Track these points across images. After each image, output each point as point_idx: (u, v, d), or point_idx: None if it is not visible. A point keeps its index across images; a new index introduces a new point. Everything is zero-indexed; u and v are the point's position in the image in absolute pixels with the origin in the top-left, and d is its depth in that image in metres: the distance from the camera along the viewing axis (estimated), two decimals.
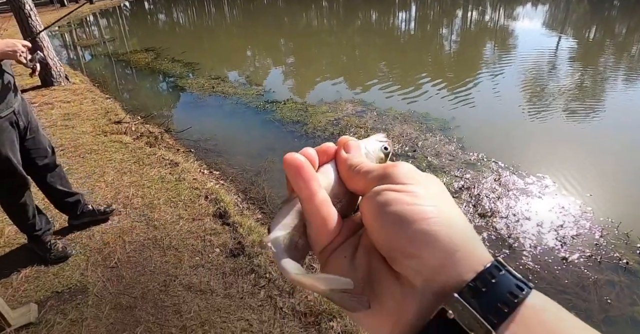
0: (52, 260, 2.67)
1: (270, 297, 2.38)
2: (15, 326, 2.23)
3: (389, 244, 0.29)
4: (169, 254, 2.72)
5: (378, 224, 0.29)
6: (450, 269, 0.26)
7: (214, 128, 5.32)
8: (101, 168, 3.90)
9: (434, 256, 0.27)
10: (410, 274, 0.28)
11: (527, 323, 0.24)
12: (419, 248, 0.27)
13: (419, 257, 0.27)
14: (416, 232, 0.27)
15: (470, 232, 0.28)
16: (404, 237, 0.27)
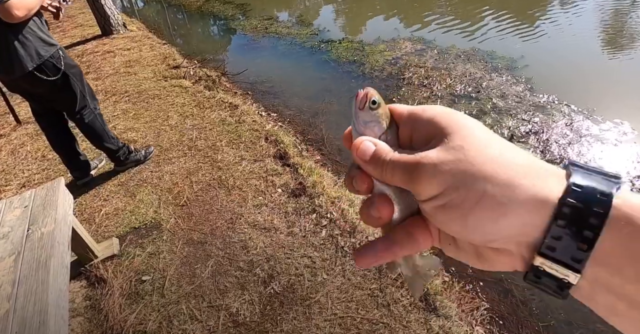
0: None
1: (332, 236, 2.43)
2: (101, 258, 2.46)
3: (467, 239, 0.30)
4: (233, 193, 2.81)
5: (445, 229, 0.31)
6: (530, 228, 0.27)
7: (269, 70, 5.26)
8: (165, 112, 4.02)
9: (508, 232, 0.28)
10: (501, 248, 0.29)
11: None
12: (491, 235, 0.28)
13: (496, 240, 0.29)
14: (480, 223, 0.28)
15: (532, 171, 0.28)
16: (474, 234, 0.29)
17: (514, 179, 0.27)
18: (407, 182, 0.31)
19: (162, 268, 2.36)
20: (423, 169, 0.30)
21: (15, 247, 1.88)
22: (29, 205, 2.14)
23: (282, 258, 2.31)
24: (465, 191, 0.28)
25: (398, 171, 0.32)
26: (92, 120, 2.83)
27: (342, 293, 2.08)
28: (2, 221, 2.07)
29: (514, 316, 2.12)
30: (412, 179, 0.31)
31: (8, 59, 2.37)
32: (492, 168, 0.28)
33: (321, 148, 3.44)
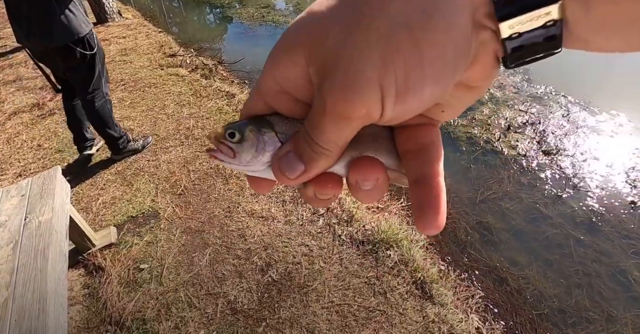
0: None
1: (329, 225, 2.44)
2: (98, 246, 2.46)
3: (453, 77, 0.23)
4: (231, 182, 2.82)
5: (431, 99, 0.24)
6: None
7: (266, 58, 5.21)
8: (161, 101, 4.00)
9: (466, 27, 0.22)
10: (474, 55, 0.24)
11: None
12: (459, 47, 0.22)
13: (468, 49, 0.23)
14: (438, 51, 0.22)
15: None
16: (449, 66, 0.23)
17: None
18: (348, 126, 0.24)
19: (160, 256, 2.37)
20: (342, 101, 0.23)
21: (12, 236, 1.89)
22: (26, 194, 2.14)
23: (280, 246, 2.33)
24: (393, 54, 0.22)
25: (330, 132, 0.25)
26: (102, 104, 2.90)
27: (339, 281, 2.10)
28: (0, 210, 2.08)
29: (509, 304, 2.14)
30: (348, 119, 0.24)
31: (51, 28, 2.51)
32: (370, 13, 0.22)
33: None
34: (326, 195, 0.29)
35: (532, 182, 2.82)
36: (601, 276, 2.23)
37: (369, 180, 0.27)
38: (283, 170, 0.27)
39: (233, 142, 0.29)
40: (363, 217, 2.43)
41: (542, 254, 2.33)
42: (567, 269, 2.25)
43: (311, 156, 0.26)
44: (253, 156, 0.29)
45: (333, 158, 0.27)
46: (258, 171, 0.30)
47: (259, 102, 0.29)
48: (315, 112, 0.25)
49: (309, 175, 0.27)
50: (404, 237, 2.27)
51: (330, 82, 0.23)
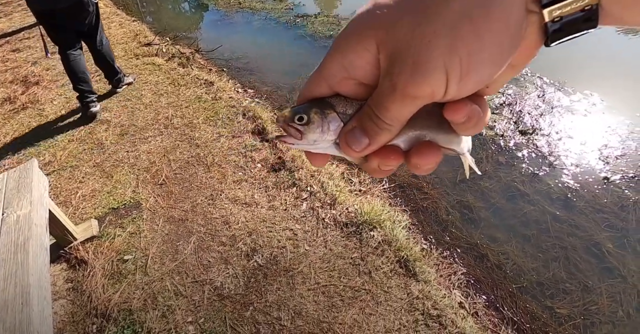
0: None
1: (313, 209, 2.45)
2: (80, 240, 2.43)
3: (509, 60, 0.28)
4: (213, 170, 2.80)
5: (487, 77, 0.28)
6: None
7: (244, 46, 5.16)
8: (138, 91, 3.92)
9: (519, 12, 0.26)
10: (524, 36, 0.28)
11: None
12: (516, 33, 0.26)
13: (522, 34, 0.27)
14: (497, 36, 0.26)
15: None
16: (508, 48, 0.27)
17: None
18: (413, 105, 0.28)
19: (143, 247, 2.35)
20: (412, 82, 0.26)
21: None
22: (2, 188, 2.09)
23: (264, 232, 2.34)
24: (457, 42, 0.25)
25: (396, 110, 0.28)
26: (107, 45, 3.59)
27: (324, 263, 2.12)
28: None
29: (489, 279, 2.20)
30: (415, 98, 0.27)
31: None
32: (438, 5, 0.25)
33: None
34: (389, 166, 0.32)
35: (510, 162, 2.89)
36: (577, 249, 2.31)
37: (430, 164, 0.32)
38: (350, 144, 0.31)
39: (300, 125, 0.32)
40: (346, 200, 2.45)
41: (520, 230, 2.40)
42: (544, 244, 2.32)
43: (375, 130, 0.30)
44: (319, 136, 0.32)
45: (394, 133, 0.30)
46: (323, 149, 0.33)
47: (322, 86, 0.32)
48: (383, 93, 0.28)
49: (372, 148, 0.31)
50: (387, 218, 2.30)
51: (401, 66, 0.26)
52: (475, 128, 0.31)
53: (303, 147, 0.33)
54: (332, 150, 0.33)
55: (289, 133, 0.32)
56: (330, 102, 0.32)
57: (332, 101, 0.32)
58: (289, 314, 1.93)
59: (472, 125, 0.30)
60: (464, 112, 0.29)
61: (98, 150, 3.16)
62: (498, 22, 0.25)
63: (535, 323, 2.03)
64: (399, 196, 2.64)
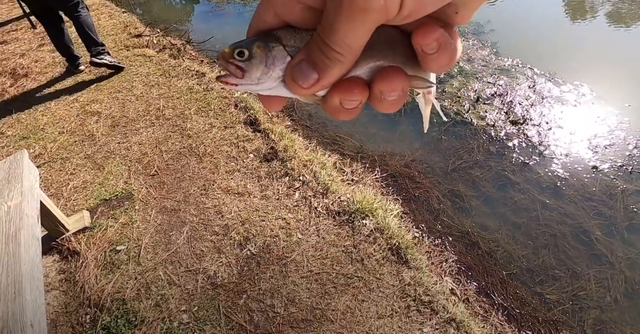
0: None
1: (305, 198, 2.46)
2: (72, 231, 2.42)
3: None
4: (205, 160, 2.80)
5: None
6: None
7: (235, 37, 4.95)
8: (129, 82, 3.89)
9: None
10: None
11: None
12: None
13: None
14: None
15: None
16: None
17: None
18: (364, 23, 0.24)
19: (136, 237, 2.35)
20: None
21: None
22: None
23: (257, 221, 2.34)
24: None
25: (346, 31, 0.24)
26: (86, 16, 3.78)
27: (317, 251, 2.14)
28: None
29: (480, 266, 2.23)
30: (365, 12, 0.23)
31: None
32: None
33: (291, 114, 3.43)
34: (353, 101, 0.28)
35: (501, 151, 2.91)
36: (566, 237, 2.35)
37: (395, 90, 0.28)
38: (296, 79, 0.27)
39: (242, 61, 0.29)
40: (338, 190, 2.46)
41: (510, 218, 2.43)
42: (534, 232, 2.35)
43: (325, 62, 0.26)
44: (263, 72, 0.29)
45: (347, 65, 0.26)
46: (270, 89, 0.30)
47: (268, 13, 0.29)
48: (330, 11, 0.24)
49: (322, 83, 0.27)
50: (379, 206, 2.32)
51: None
52: (447, 61, 0.27)
53: (248, 88, 0.30)
54: (281, 90, 0.30)
55: (230, 71, 0.30)
56: (277, 34, 0.29)
57: (279, 33, 0.29)
58: (282, 301, 1.95)
59: (443, 57, 0.27)
60: (434, 35, 0.26)
61: (89, 142, 3.14)
62: None
63: (525, 308, 2.07)
64: (391, 185, 2.66)
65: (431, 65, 0.28)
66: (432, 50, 0.26)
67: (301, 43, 0.28)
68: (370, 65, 0.28)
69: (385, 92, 0.27)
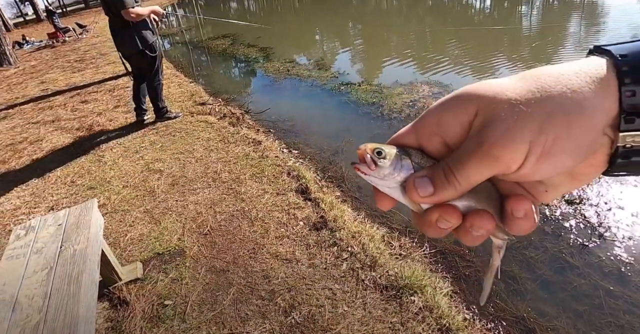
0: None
1: (353, 269, 2.46)
2: (124, 281, 2.51)
3: (574, 165, 0.32)
4: (256, 224, 2.89)
5: (552, 173, 0.32)
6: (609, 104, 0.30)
7: (291, 109, 5.48)
8: (190, 145, 4.18)
9: (599, 127, 0.30)
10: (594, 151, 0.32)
11: None
12: (591, 142, 0.31)
13: (594, 145, 0.31)
14: (579, 140, 0.30)
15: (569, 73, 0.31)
16: (579, 154, 0.31)
17: (566, 87, 0.30)
18: (489, 168, 0.31)
19: (184, 294, 2.40)
20: (499, 144, 0.30)
21: (48, 262, 1.96)
22: (63, 223, 2.24)
23: (303, 289, 2.35)
24: (549, 126, 0.30)
25: (473, 168, 0.31)
26: (157, 85, 4.74)
27: (362, 326, 2.09)
28: (37, 237, 2.17)
29: None
30: (495, 160, 0.30)
31: (130, 41, 4.35)
32: (542, 96, 0.30)
33: (341, 185, 3.53)
34: (447, 222, 0.34)
35: (556, 232, 2.83)
36: (635, 329, 2.18)
37: (482, 228, 0.34)
38: (417, 187, 0.34)
39: (378, 158, 0.36)
40: (386, 263, 2.45)
41: (570, 304, 2.30)
42: (598, 321, 2.20)
43: (443, 184, 0.33)
44: (389, 173, 0.35)
45: (459, 193, 0.33)
46: (389, 188, 0.37)
47: (411, 136, 0.37)
48: (466, 150, 0.32)
49: (433, 198, 0.34)
50: (428, 284, 2.28)
51: (493, 129, 0.30)
52: (527, 228, 0.35)
53: (373, 180, 0.36)
54: (396, 192, 0.36)
55: (366, 162, 0.36)
56: (409, 151, 0.36)
57: (412, 152, 0.36)
58: None
59: (525, 224, 0.34)
60: (525, 205, 0.34)
61: (149, 197, 3.33)
62: (586, 125, 0.30)
63: None
64: (440, 262, 2.62)
65: (513, 227, 0.35)
66: (519, 216, 0.34)
67: (425, 164, 0.36)
68: (470, 201, 0.35)
69: (474, 226, 0.34)
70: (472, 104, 0.33)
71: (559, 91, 0.30)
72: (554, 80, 0.30)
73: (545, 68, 0.32)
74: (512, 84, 0.32)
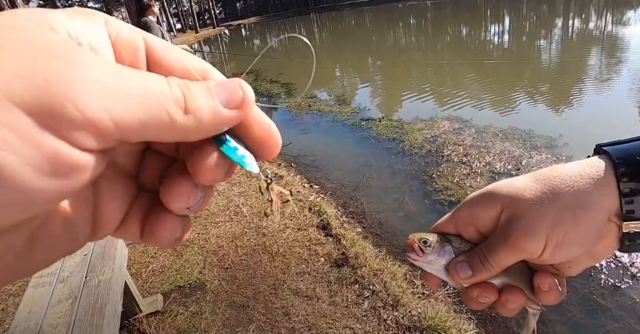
0: None
1: (374, 308, 2.42)
2: (145, 312, 2.52)
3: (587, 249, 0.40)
4: (277, 259, 2.89)
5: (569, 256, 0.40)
6: (611, 202, 0.37)
7: (312, 144, 5.56)
8: None
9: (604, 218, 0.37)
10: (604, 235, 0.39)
11: None
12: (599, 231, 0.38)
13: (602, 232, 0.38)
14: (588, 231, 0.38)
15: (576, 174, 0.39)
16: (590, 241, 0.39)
17: (572, 189, 0.37)
18: (516, 256, 0.39)
19: (203, 328, 2.38)
20: (522, 238, 0.38)
21: (72, 292, 1.99)
22: (89, 254, 2.29)
23: (324, 327, 2.31)
24: (560, 223, 0.37)
25: (503, 256, 0.39)
26: None
27: None
28: (63, 267, 2.21)
29: None
30: (520, 250, 0.38)
31: None
32: (553, 196, 0.38)
33: (362, 221, 3.52)
34: (486, 298, 0.42)
35: (587, 271, 2.74)
36: None
37: (515, 302, 0.42)
38: (458, 271, 0.42)
39: (424, 246, 0.43)
40: (409, 302, 2.41)
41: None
42: None
43: (479, 268, 0.41)
44: (435, 259, 0.43)
45: (493, 274, 0.41)
46: (434, 270, 0.44)
47: (450, 225, 0.45)
48: (498, 240, 0.40)
49: (473, 280, 0.42)
50: (453, 325, 2.22)
51: (517, 225, 0.38)
52: (553, 299, 0.42)
53: (420, 263, 0.44)
54: (442, 273, 0.44)
55: (414, 249, 0.44)
56: (451, 238, 0.44)
57: (452, 238, 0.44)
58: None
59: (551, 295, 0.42)
60: (548, 281, 0.41)
61: None
62: (590, 220, 0.37)
63: None
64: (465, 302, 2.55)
65: (542, 298, 0.43)
66: (544, 289, 0.42)
67: (464, 248, 0.43)
68: (505, 279, 0.42)
69: (508, 301, 0.42)
70: (497, 202, 0.41)
71: (567, 192, 0.38)
72: (562, 182, 0.38)
73: (555, 170, 0.40)
74: (529, 185, 0.40)
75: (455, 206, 0.45)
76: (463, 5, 34.26)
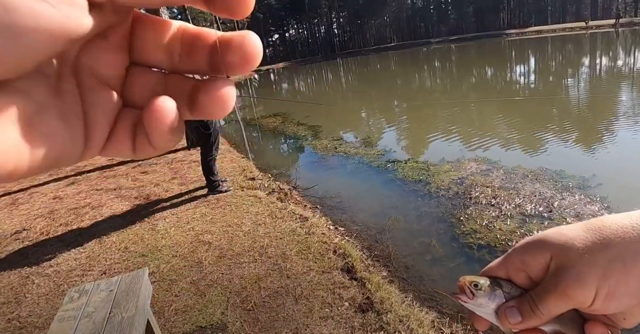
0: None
1: None
2: None
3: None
4: (300, 303, 2.84)
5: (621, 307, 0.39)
6: None
7: (337, 186, 5.58)
8: (239, 219, 4.30)
9: None
10: None
11: None
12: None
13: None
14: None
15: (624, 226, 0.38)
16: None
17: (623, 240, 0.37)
18: (566, 304, 0.39)
19: None
20: (571, 286, 0.38)
21: (96, 328, 2.00)
22: (114, 289, 2.31)
23: None
24: (610, 273, 0.37)
25: (552, 304, 0.39)
26: (211, 161, 5.02)
27: None
28: (89, 301, 2.23)
29: None
30: (569, 299, 0.38)
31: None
32: (603, 246, 0.38)
33: (388, 265, 3.45)
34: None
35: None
36: None
37: None
38: (507, 316, 0.42)
39: (474, 289, 0.43)
40: None
41: None
42: None
43: (529, 314, 0.41)
44: (485, 302, 0.43)
45: (543, 321, 0.41)
46: (484, 313, 0.44)
47: (501, 270, 0.45)
48: (547, 288, 0.40)
49: (521, 326, 0.41)
50: None
51: (567, 274, 0.38)
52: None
53: (470, 306, 0.44)
54: (491, 317, 0.44)
55: (464, 292, 0.44)
56: (501, 283, 0.43)
57: (503, 282, 0.43)
58: None
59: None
60: (600, 331, 0.40)
61: (197, 268, 3.39)
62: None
63: None
64: None
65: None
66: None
67: (515, 293, 0.43)
68: (555, 326, 0.42)
69: None
70: (547, 250, 0.41)
71: (618, 242, 0.37)
72: (613, 233, 0.38)
73: (606, 220, 0.40)
74: (580, 235, 0.40)
75: (484, 249, 0.46)
76: (487, 47, 34.81)
